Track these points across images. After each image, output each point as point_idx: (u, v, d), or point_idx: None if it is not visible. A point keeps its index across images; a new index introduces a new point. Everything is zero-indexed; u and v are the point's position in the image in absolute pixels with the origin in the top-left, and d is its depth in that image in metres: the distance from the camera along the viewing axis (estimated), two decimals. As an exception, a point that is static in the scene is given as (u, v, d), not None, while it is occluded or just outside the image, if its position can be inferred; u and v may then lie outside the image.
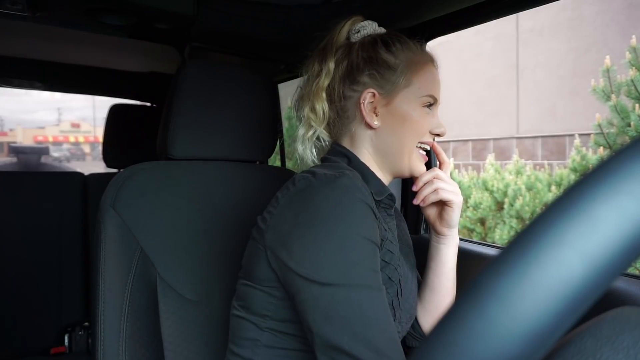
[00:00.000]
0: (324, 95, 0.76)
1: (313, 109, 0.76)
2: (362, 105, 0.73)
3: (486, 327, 0.19)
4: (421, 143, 0.77)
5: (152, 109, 2.20)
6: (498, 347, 0.19)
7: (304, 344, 0.63)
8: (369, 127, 0.75)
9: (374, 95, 0.73)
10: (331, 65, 0.76)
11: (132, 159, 1.16)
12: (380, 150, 0.76)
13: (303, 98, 0.78)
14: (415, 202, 0.80)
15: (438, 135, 0.78)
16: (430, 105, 0.76)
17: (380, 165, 0.77)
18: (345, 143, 0.77)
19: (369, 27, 0.78)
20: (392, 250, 0.71)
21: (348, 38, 0.78)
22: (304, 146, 0.78)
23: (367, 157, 0.76)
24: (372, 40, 0.76)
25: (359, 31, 0.78)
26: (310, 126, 0.77)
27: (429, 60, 0.77)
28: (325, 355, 0.55)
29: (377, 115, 0.74)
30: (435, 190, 0.78)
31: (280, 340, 0.65)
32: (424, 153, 0.79)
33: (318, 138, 0.78)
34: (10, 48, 1.54)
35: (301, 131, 0.78)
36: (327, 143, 0.79)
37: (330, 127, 0.78)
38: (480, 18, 1.00)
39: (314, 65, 0.78)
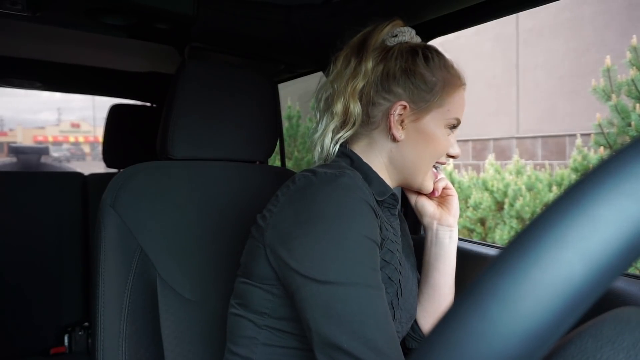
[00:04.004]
0: (357, 96, 0.73)
1: (347, 109, 0.73)
2: (391, 116, 0.72)
3: (487, 327, 0.19)
4: (437, 163, 0.77)
5: (152, 109, 2.20)
6: (498, 347, 0.19)
7: (302, 342, 0.63)
8: (393, 138, 0.73)
9: (404, 107, 0.72)
10: (369, 66, 0.73)
11: (132, 159, 1.16)
12: (396, 163, 0.75)
13: (338, 94, 0.74)
14: (437, 193, 0.83)
15: (453, 157, 0.78)
16: (452, 128, 0.76)
17: (390, 174, 0.76)
18: (358, 147, 0.76)
19: (407, 34, 0.76)
20: (393, 250, 0.71)
21: (383, 40, 0.76)
22: (332, 142, 0.75)
23: (378, 164, 0.75)
24: (411, 51, 0.74)
25: (396, 35, 0.76)
26: (345, 125, 0.74)
27: (462, 83, 0.76)
28: (323, 353, 0.55)
29: (403, 129, 0.73)
30: (440, 178, 0.83)
31: (278, 338, 0.65)
32: (435, 171, 0.80)
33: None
34: (10, 48, 1.54)
35: (332, 126, 0.75)
36: None
37: None
38: (480, 18, 1.00)
39: (351, 62, 0.74)
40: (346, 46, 0.77)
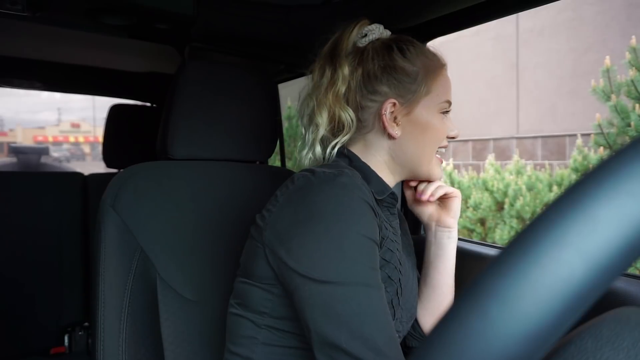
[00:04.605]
0: (343, 102, 0.72)
1: (334, 115, 0.72)
2: (384, 116, 0.71)
3: (487, 327, 0.19)
4: (439, 148, 0.77)
5: (152, 109, 2.20)
6: (498, 346, 0.19)
7: (301, 341, 0.63)
8: (389, 137, 0.73)
9: (394, 104, 0.72)
10: (345, 71, 0.72)
11: (132, 159, 1.16)
12: (399, 159, 0.75)
13: (319, 104, 0.73)
14: (424, 197, 0.81)
15: (452, 138, 0.78)
16: (446, 112, 0.75)
17: (393, 170, 0.76)
18: (356, 149, 0.75)
19: (377, 31, 0.76)
20: (393, 249, 0.71)
21: (354, 43, 0.75)
22: (327, 149, 0.74)
23: (378, 163, 0.75)
24: (385, 46, 0.73)
25: (365, 35, 0.75)
26: (337, 132, 0.73)
27: (443, 64, 0.76)
28: (323, 353, 0.55)
29: (397, 125, 0.72)
30: (438, 186, 0.81)
31: (278, 337, 0.65)
32: (440, 157, 0.79)
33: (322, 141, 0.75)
34: (10, 48, 1.54)
35: (319, 136, 0.74)
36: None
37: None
38: (480, 18, 1.00)
39: (326, 71, 0.74)
40: (318, 57, 0.76)
